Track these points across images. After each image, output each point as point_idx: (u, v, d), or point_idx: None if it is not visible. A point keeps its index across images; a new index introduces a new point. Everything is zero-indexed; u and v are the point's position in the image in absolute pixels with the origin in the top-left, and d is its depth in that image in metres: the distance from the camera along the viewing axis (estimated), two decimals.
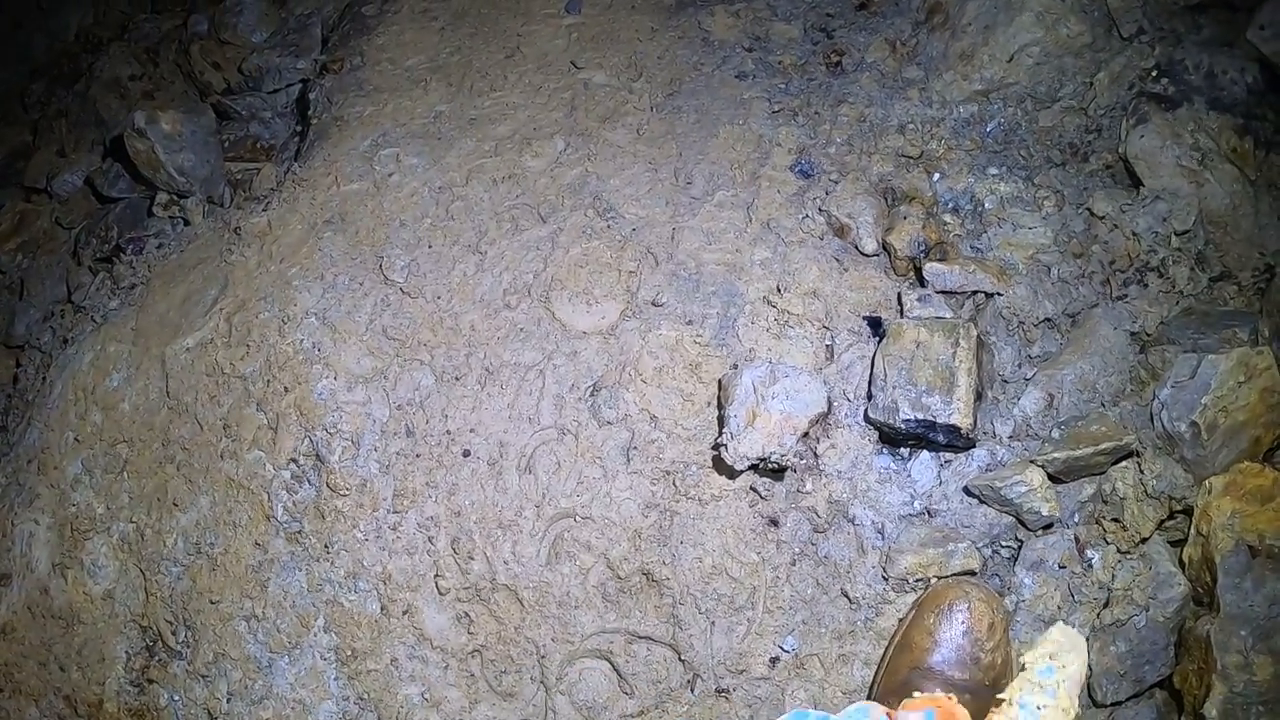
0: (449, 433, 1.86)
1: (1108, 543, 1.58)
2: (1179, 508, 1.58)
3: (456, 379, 1.91)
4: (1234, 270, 1.74)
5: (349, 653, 1.83)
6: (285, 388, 1.98)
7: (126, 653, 2.00)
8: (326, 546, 1.88)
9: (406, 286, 2.02)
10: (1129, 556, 1.57)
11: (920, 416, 1.61)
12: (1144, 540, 1.58)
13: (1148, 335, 1.70)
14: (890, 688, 1.53)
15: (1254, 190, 1.78)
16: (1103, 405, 1.66)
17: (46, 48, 3.44)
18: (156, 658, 1.98)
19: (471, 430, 1.85)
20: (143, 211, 2.62)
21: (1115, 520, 1.59)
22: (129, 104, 2.94)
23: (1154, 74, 1.91)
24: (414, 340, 1.97)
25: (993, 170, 1.92)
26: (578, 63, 2.36)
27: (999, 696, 1.31)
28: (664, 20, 2.45)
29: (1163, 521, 1.59)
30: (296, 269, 2.11)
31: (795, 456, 1.67)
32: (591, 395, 1.83)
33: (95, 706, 1.99)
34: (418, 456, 1.87)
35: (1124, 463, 1.60)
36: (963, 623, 1.51)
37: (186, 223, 2.49)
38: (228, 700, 1.89)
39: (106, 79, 3.00)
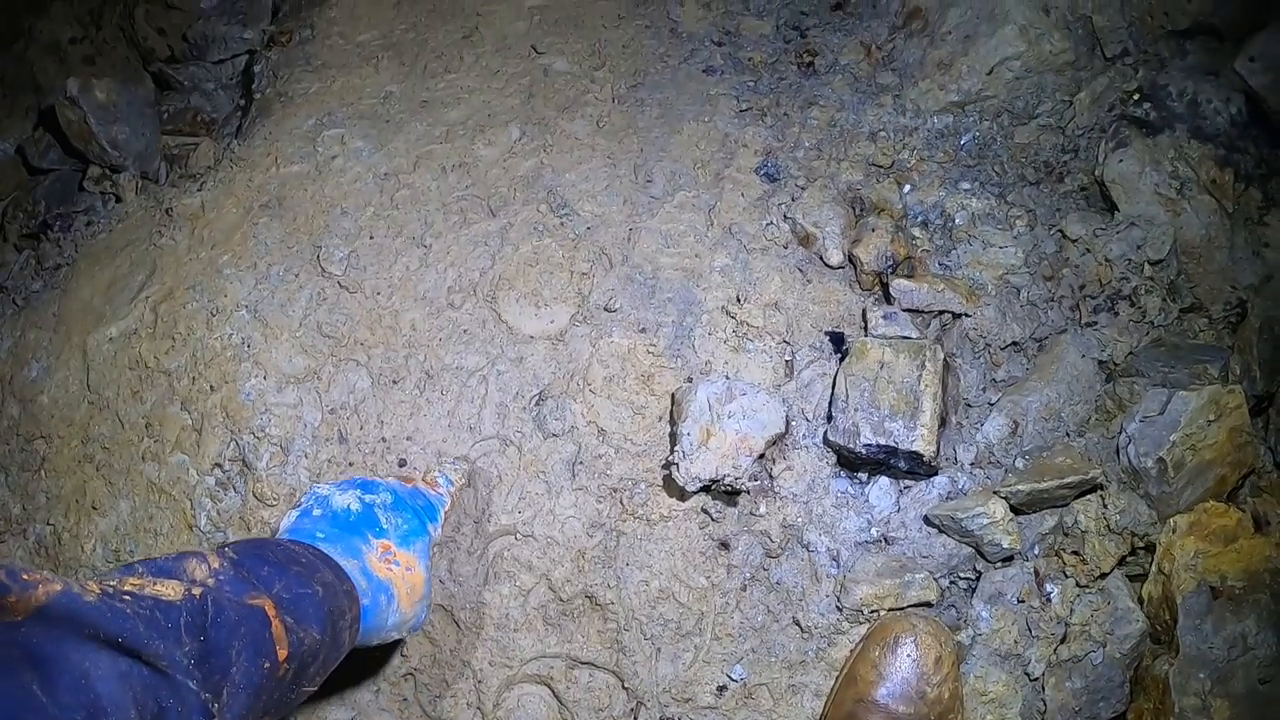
0: (384, 440, 1.94)
1: (1067, 576, 1.72)
2: (1141, 544, 1.72)
3: (394, 382, 1.98)
4: (1206, 303, 1.89)
5: None
6: (211, 386, 2.04)
7: None
8: None
9: (345, 280, 2.09)
10: (1088, 591, 1.71)
11: (882, 442, 1.73)
12: (1104, 575, 1.72)
13: (1116, 364, 1.84)
14: None
15: (1230, 223, 1.93)
16: (1068, 435, 1.79)
17: None
18: None
19: (408, 438, 1.93)
20: (73, 186, 2.64)
21: (1075, 553, 1.72)
22: (68, 69, 2.95)
23: (1136, 97, 2.06)
24: (350, 339, 2.04)
25: (965, 185, 2.05)
26: (538, 47, 2.45)
27: None
28: (631, 7, 2.55)
29: (1124, 557, 1.73)
30: (229, 256, 2.17)
31: (750, 479, 1.77)
32: (537, 405, 1.92)
33: None
34: (350, 465, 1.94)
35: (1088, 496, 1.74)
36: (909, 656, 1.64)
37: (118, 199, 2.53)
38: None
39: (45, 41, 3.00)
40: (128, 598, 1.07)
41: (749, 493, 1.80)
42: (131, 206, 2.47)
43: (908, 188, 2.08)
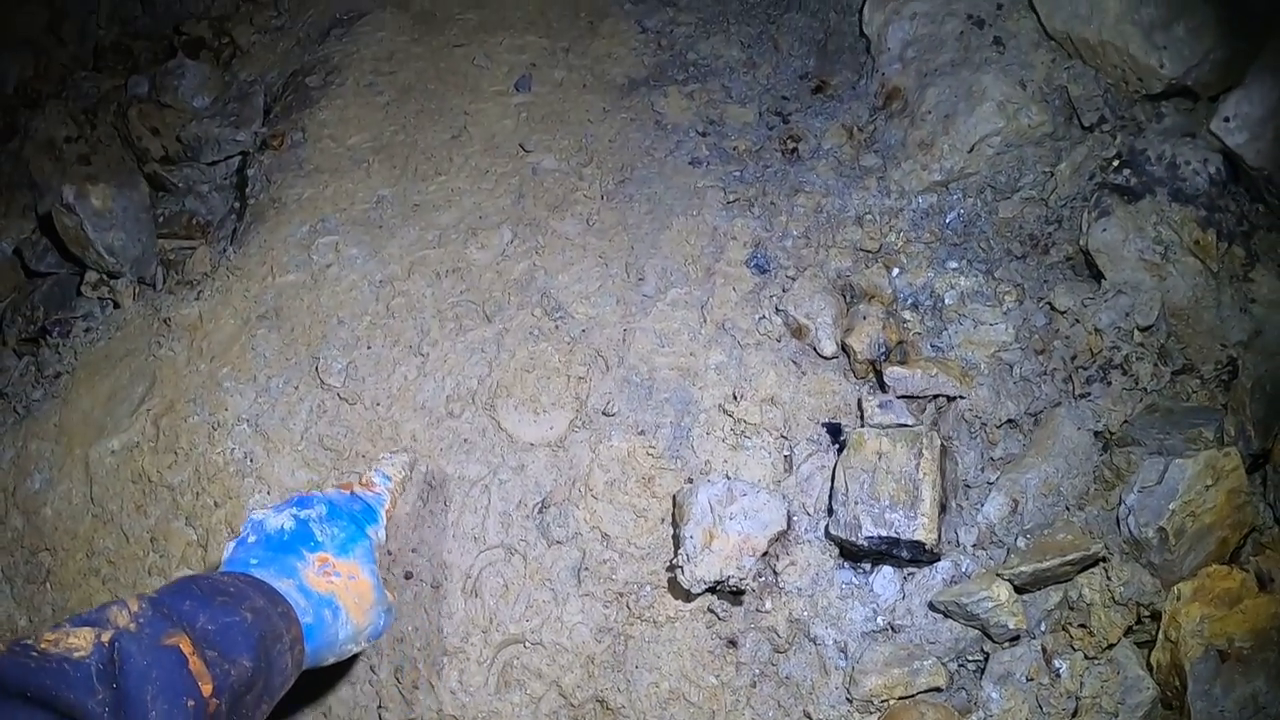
0: (390, 553, 1.97)
1: (1075, 650, 1.75)
2: (1147, 612, 1.75)
3: None
4: (1197, 364, 1.93)
5: None
6: (215, 502, 2.11)
7: None
8: None
9: (344, 391, 2.15)
10: (1096, 663, 1.74)
11: (884, 533, 1.78)
12: (1111, 646, 1.75)
13: (1112, 434, 1.88)
14: None
15: (1216, 283, 1.98)
16: (1068, 509, 1.84)
17: None
18: None
19: (413, 550, 1.98)
20: (71, 290, 2.71)
21: (1082, 626, 1.76)
22: (63, 167, 3.06)
23: (1116, 164, 2.12)
24: (352, 451, 2.10)
25: (952, 264, 2.11)
26: (526, 145, 2.53)
27: None
28: (616, 100, 2.64)
29: (1130, 627, 1.76)
30: (228, 369, 2.24)
31: (754, 577, 1.81)
32: (540, 512, 1.97)
33: None
34: None
35: (1091, 569, 1.78)
36: None
37: (116, 305, 2.59)
38: None
39: (41, 140, 3.12)
40: (35, 653, 1.11)
41: (754, 589, 1.84)
42: (129, 313, 2.53)
43: (896, 271, 2.14)
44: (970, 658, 1.80)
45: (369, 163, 2.56)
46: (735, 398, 2.01)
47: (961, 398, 1.93)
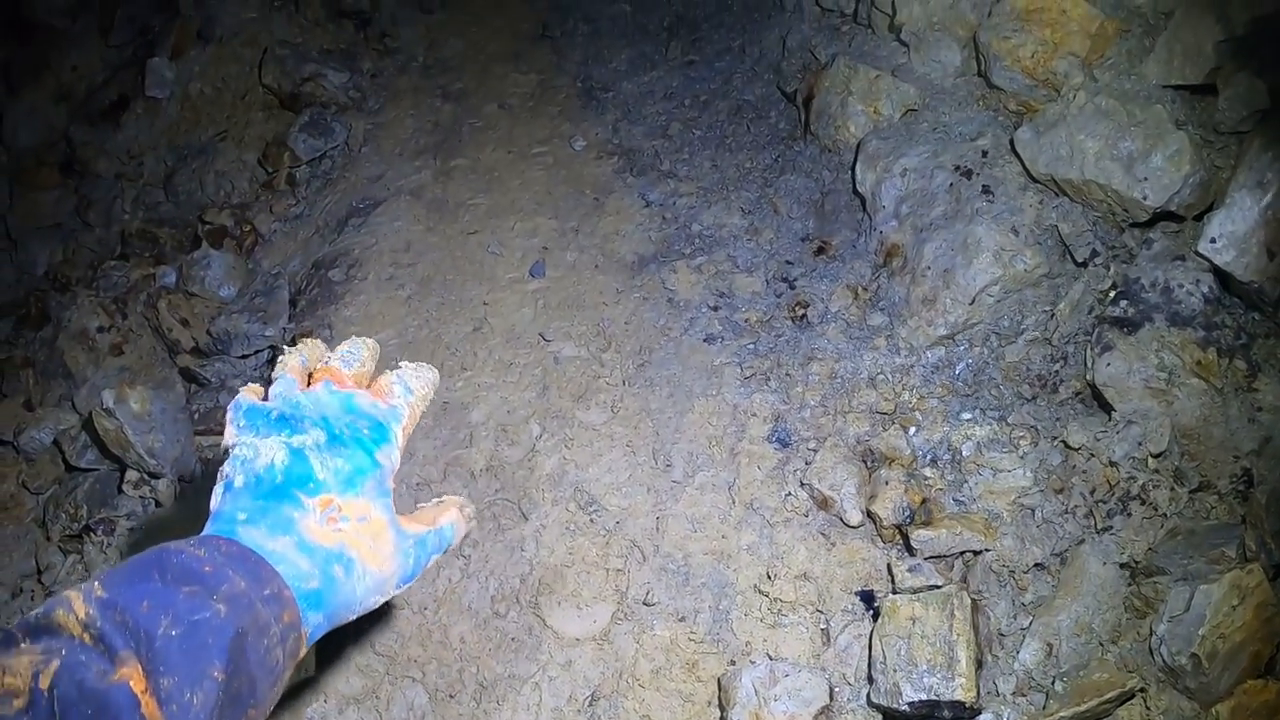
0: None
1: None
2: None
3: (451, 696, 2.17)
4: (1212, 479, 2.06)
5: None
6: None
7: None
8: None
9: (393, 599, 2.28)
10: None
11: (924, 697, 1.90)
12: None
13: (1137, 564, 2.00)
14: None
15: (1222, 398, 2.11)
16: (1101, 645, 1.95)
17: (14, 282, 3.97)
18: None
19: None
20: (112, 488, 2.87)
21: None
22: (97, 357, 3.31)
23: (1112, 295, 2.27)
24: (404, 656, 2.23)
25: (966, 415, 2.27)
26: (546, 335, 2.73)
27: None
28: (627, 280, 2.85)
29: None
30: None
31: None
32: (590, 705, 2.10)
33: None
34: None
35: (1129, 701, 1.89)
36: None
37: (158, 504, 2.74)
38: None
39: (74, 329, 3.39)
40: None
41: None
42: (171, 513, 2.68)
43: (913, 430, 2.29)
44: None
45: (396, 360, 2.70)
46: (769, 576, 2.15)
47: (987, 550, 2.06)
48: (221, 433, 2.30)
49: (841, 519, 2.21)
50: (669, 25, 4.12)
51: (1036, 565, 2.06)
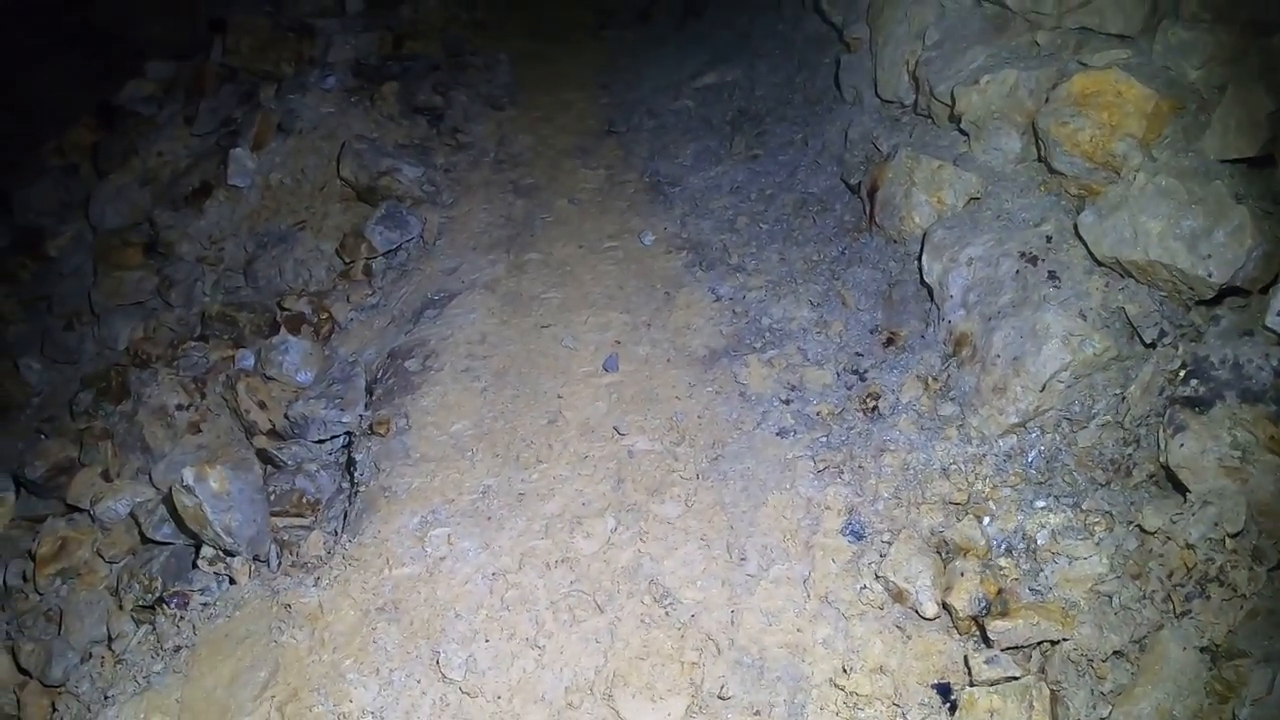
0: None
1: None
2: None
3: None
4: None
5: None
6: None
7: None
8: None
9: (465, 685, 2.34)
10: None
11: None
12: None
13: (1217, 647, 2.01)
14: None
15: None
16: None
17: (96, 354, 4.19)
18: None
19: None
20: (187, 562, 2.96)
21: None
22: (175, 434, 3.44)
23: (1183, 375, 2.30)
24: None
25: (1040, 503, 2.31)
26: (620, 428, 2.80)
27: None
28: (700, 374, 2.93)
29: None
30: (350, 660, 2.44)
31: None
32: None
33: None
34: None
35: None
36: None
37: (232, 581, 2.81)
38: None
39: (154, 406, 3.52)
40: None
41: None
42: (246, 592, 2.74)
43: (987, 520, 2.33)
44: None
45: (473, 451, 2.84)
46: (845, 670, 2.18)
47: (1065, 639, 2.09)
48: (298, 515, 2.58)
49: (917, 611, 2.25)
50: (732, 120, 4.24)
51: (1115, 653, 2.09)
